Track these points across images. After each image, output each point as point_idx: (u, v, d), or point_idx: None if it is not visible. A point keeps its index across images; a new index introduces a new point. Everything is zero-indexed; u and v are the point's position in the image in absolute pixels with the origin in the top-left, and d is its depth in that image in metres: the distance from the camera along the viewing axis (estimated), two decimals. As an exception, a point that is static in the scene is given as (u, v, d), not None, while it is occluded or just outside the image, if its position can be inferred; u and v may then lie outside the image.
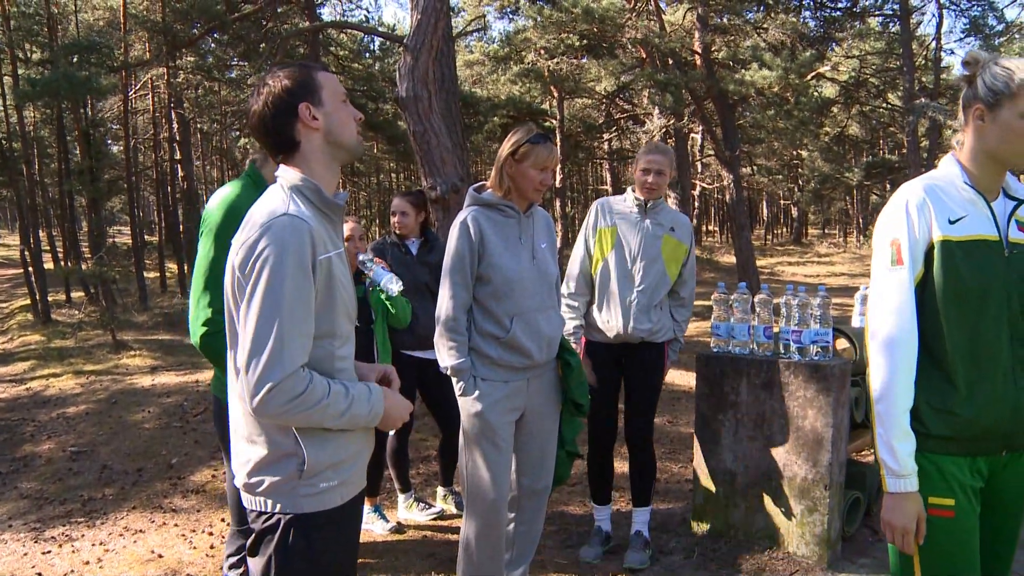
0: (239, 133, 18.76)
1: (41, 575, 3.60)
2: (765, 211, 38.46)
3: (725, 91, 12.78)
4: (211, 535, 3.99)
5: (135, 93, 17.20)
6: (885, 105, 20.07)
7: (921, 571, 1.81)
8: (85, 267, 12.23)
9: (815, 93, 17.01)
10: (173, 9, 12.84)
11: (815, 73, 13.93)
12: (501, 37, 18.25)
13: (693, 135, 20.27)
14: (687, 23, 14.03)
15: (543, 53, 15.07)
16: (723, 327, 3.69)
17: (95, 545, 3.91)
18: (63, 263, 14.32)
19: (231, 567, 2.73)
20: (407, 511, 4.18)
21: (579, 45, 14.62)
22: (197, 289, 2.52)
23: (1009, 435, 1.80)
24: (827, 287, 3.55)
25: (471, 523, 2.81)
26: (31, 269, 12.22)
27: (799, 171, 27.60)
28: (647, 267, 3.45)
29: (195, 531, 4.05)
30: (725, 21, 14.27)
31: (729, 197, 14.26)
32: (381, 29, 16.30)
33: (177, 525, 4.13)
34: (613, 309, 3.46)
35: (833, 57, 15.49)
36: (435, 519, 4.12)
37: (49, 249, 15.54)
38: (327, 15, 16.83)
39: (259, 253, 1.56)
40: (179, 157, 19.16)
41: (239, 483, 1.69)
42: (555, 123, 17.35)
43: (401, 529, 3.99)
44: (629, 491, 3.75)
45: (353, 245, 3.55)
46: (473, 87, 18.64)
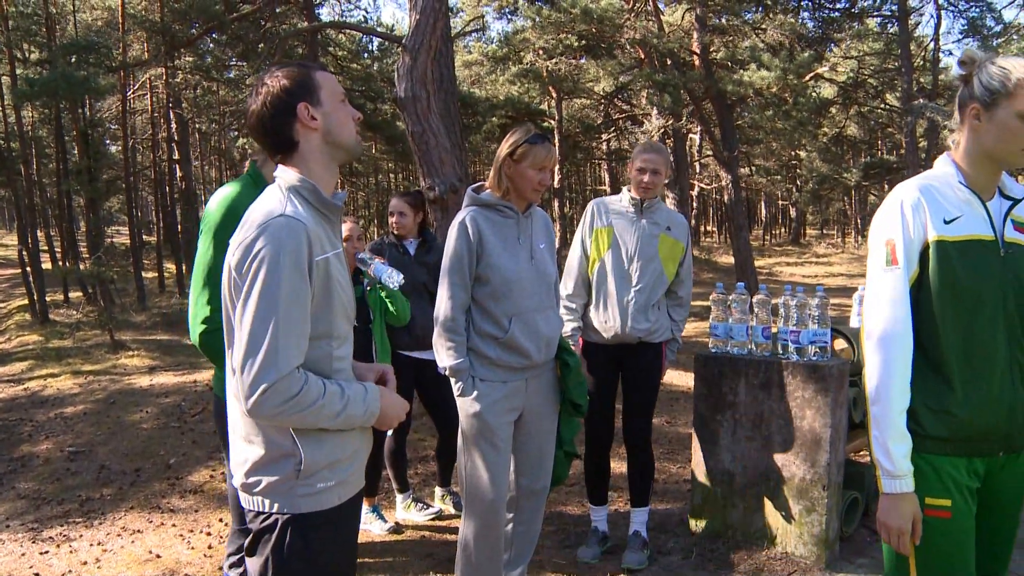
0: (237, 133, 18.75)
1: (39, 575, 3.60)
2: (763, 211, 38.50)
3: (723, 91, 12.79)
4: (209, 535, 3.99)
5: (133, 93, 17.18)
6: (883, 106, 20.11)
7: (916, 571, 1.80)
8: (83, 267, 12.21)
9: (813, 94, 17.04)
10: (171, 9, 12.82)
11: (813, 74, 13.94)
12: (500, 37, 18.25)
13: (691, 135, 20.28)
14: (686, 24, 14.03)
15: (542, 53, 15.07)
16: (721, 327, 3.69)
17: (93, 545, 3.90)
18: (61, 263, 14.29)
19: (231, 566, 2.73)
20: (405, 511, 4.18)
21: (578, 45, 14.63)
22: (196, 287, 2.54)
23: (1006, 436, 1.80)
24: (825, 287, 3.55)
25: (470, 523, 2.81)
26: (29, 269, 12.20)
27: (797, 171, 27.62)
28: (644, 266, 3.44)
29: (193, 531, 4.04)
30: (723, 22, 14.28)
31: (727, 197, 14.28)
32: (380, 29, 16.29)
33: (175, 525, 4.13)
34: (610, 309, 3.46)
35: (831, 58, 15.49)
36: (433, 519, 4.12)
37: (47, 249, 15.52)
38: (325, 15, 16.83)
39: (255, 253, 1.56)
40: (177, 157, 19.14)
41: (237, 483, 1.69)
42: (553, 123, 17.37)
43: (399, 529, 3.99)
44: (627, 491, 3.75)
45: (351, 245, 3.55)
46: (472, 87, 18.65)
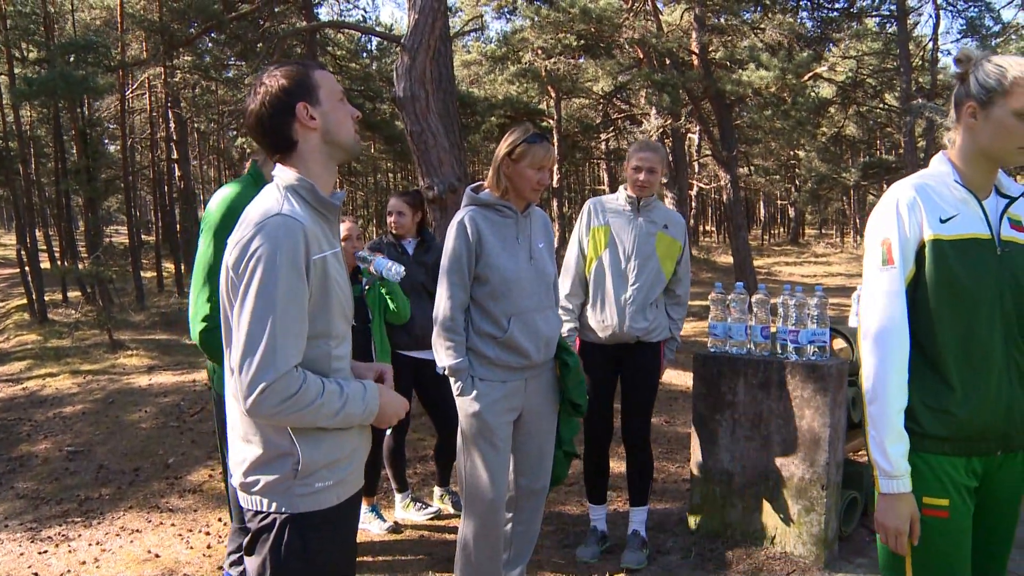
0: (236, 133, 18.73)
1: (38, 575, 3.59)
2: (762, 211, 38.53)
3: (722, 91, 12.80)
4: (208, 535, 3.98)
5: (132, 92, 17.17)
6: (882, 105, 20.11)
7: (913, 571, 1.80)
8: (82, 267, 12.19)
9: (812, 93, 17.04)
10: (170, 8, 12.82)
11: (812, 73, 13.95)
12: (498, 37, 18.26)
13: (690, 135, 20.27)
14: (684, 23, 14.03)
15: (540, 53, 15.07)
16: (720, 327, 3.69)
17: (92, 545, 3.90)
18: (60, 262, 14.27)
19: (232, 564, 2.73)
20: (404, 511, 4.18)
21: (576, 45, 14.63)
22: (196, 286, 2.56)
23: (1004, 435, 1.80)
24: (824, 287, 3.55)
25: (469, 523, 2.81)
26: (27, 268, 12.19)
27: (796, 171, 27.65)
28: (641, 265, 3.44)
29: (192, 531, 4.04)
30: (722, 21, 14.28)
31: (726, 197, 14.28)
32: (378, 29, 16.27)
33: (174, 525, 4.13)
34: (608, 308, 3.45)
35: (830, 57, 15.52)
36: (432, 519, 4.12)
37: (46, 248, 15.50)
38: (324, 15, 16.84)
39: (252, 253, 1.55)
40: (176, 157, 19.13)
41: (235, 482, 1.69)
42: (552, 123, 17.37)
43: (398, 529, 3.99)
44: (626, 491, 3.75)
45: (351, 245, 3.56)
46: (470, 87, 18.65)
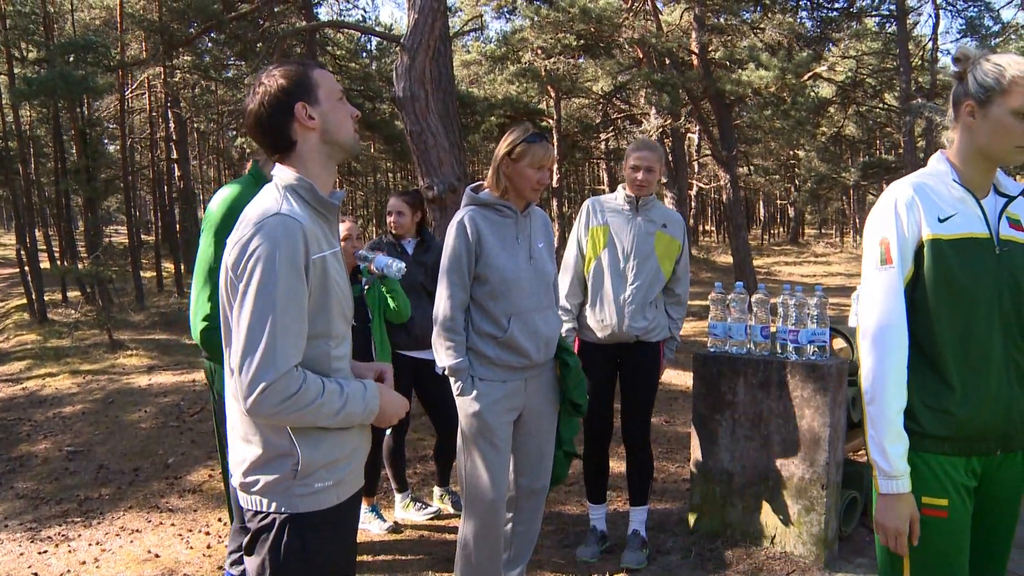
0: (236, 132, 18.74)
1: (38, 575, 3.59)
2: (762, 211, 38.54)
3: (722, 91, 12.80)
4: (208, 535, 3.98)
5: (132, 92, 17.17)
6: (882, 105, 20.12)
7: (911, 571, 1.80)
8: (81, 266, 12.18)
9: (812, 93, 17.04)
10: (170, 8, 12.82)
11: (812, 73, 13.95)
12: (498, 37, 18.24)
13: (690, 135, 20.28)
14: (684, 23, 14.03)
15: (540, 53, 15.06)
16: (720, 327, 3.69)
17: (92, 545, 3.90)
18: (59, 262, 14.26)
19: (233, 564, 2.73)
20: (404, 511, 4.18)
21: (576, 45, 14.62)
22: (198, 285, 2.57)
23: (1003, 435, 1.80)
24: (824, 287, 3.55)
25: (469, 523, 2.81)
26: (27, 268, 12.18)
27: (796, 171, 27.65)
28: (640, 264, 3.44)
29: (192, 531, 4.04)
30: (722, 21, 14.28)
31: (726, 197, 14.28)
32: (378, 29, 16.28)
33: (174, 525, 4.13)
34: (607, 307, 3.45)
35: (830, 57, 15.53)
36: (432, 519, 4.12)
37: (45, 248, 15.50)
38: (324, 15, 16.83)
39: (251, 252, 1.55)
40: (176, 156, 19.14)
41: (235, 482, 1.69)
42: (552, 123, 17.37)
43: (398, 529, 3.99)
44: (626, 490, 3.75)
45: (350, 245, 3.55)
46: (470, 87, 18.63)
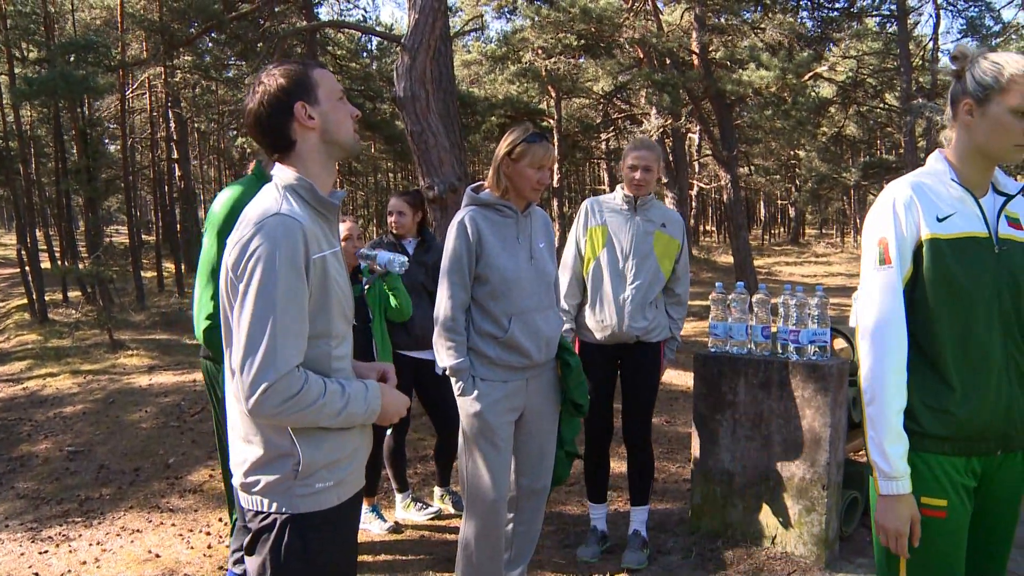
0: (236, 132, 18.76)
1: (38, 575, 3.59)
2: (762, 211, 38.51)
3: (723, 91, 12.79)
4: (208, 535, 3.98)
5: (132, 92, 17.17)
6: (882, 105, 20.11)
7: (907, 570, 1.80)
8: (82, 266, 12.18)
9: (812, 93, 17.04)
10: (170, 8, 12.82)
11: (812, 73, 13.95)
12: (499, 37, 18.22)
13: (691, 135, 20.28)
14: (685, 23, 14.03)
15: (541, 53, 15.06)
16: (721, 327, 3.69)
17: (92, 545, 3.90)
18: (60, 262, 14.26)
19: (236, 563, 2.73)
20: (404, 511, 4.17)
21: (577, 45, 14.62)
22: (200, 283, 2.58)
23: (1003, 435, 1.79)
24: (824, 287, 3.55)
25: (470, 523, 2.80)
26: (28, 268, 12.19)
27: (796, 171, 27.64)
28: (640, 264, 3.44)
29: (192, 531, 4.04)
30: (723, 21, 14.28)
31: (726, 197, 14.27)
32: (379, 29, 16.26)
33: (175, 525, 4.13)
34: (607, 308, 3.45)
35: (830, 57, 15.51)
36: (432, 519, 4.12)
37: (46, 248, 15.50)
38: (324, 15, 16.82)
39: (251, 253, 1.55)
40: (176, 156, 19.15)
41: (236, 482, 1.69)
42: (553, 123, 17.36)
43: (399, 529, 3.99)
44: (627, 491, 3.75)
45: (351, 244, 3.55)
46: (471, 87, 18.65)
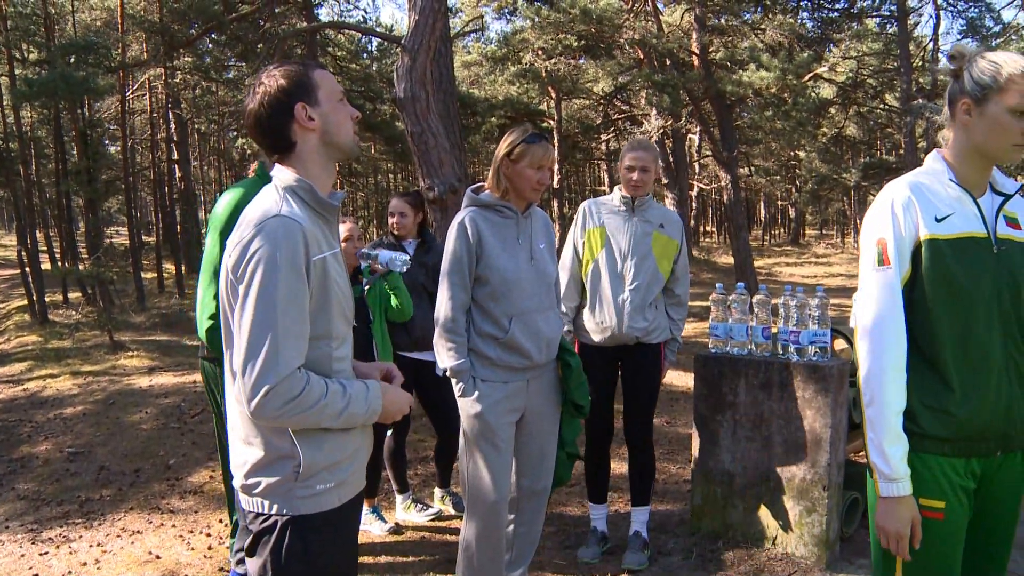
0: (236, 133, 18.76)
1: (38, 576, 3.59)
2: (763, 212, 38.52)
3: (723, 92, 12.79)
4: (209, 536, 3.98)
5: (132, 93, 17.18)
6: (883, 106, 20.11)
7: (903, 572, 1.79)
8: (82, 268, 12.18)
9: (812, 94, 17.04)
10: (170, 9, 12.82)
11: (813, 74, 13.94)
12: (499, 38, 18.24)
13: (691, 136, 20.30)
14: (685, 24, 14.05)
15: (541, 54, 15.08)
16: (721, 328, 3.69)
17: (93, 546, 3.90)
18: (60, 264, 14.26)
19: (238, 563, 2.73)
20: (405, 512, 4.17)
21: (577, 46, 14.63)
22: (203, 283, 2.59)
23: (1003, 435, 1.79)
24: (825, 287, 3.55)
25: (471, 525, 2.80)
26: (28, 269, 12.19)
27: (797, 172, 27.66)
28: (638, 264, 3.44)
29: (193, 532, 4.04)
30: (723, 22, 14.29)
31: (727, 198, 14.27)
32: (379, 30, 16.26)
33: (175, 526, 4.12)
34: (606, 309, 3.45)
35: (831, 58, 15.49)
36: (433, 520, 4.12)
37: (46, 249, 15.50)
38: (324, 16, 16.83)
39: (252, 255, 1.55)
40: (176, 157, 19.16)
41: (236, 484, 1.69)
42: (553, 124, 17.36)
43: (399, 530, 3.99)
44: (627, 491, 3.74)
45: (351, 246, 3.55)
46: (471, 88, 18.66)
